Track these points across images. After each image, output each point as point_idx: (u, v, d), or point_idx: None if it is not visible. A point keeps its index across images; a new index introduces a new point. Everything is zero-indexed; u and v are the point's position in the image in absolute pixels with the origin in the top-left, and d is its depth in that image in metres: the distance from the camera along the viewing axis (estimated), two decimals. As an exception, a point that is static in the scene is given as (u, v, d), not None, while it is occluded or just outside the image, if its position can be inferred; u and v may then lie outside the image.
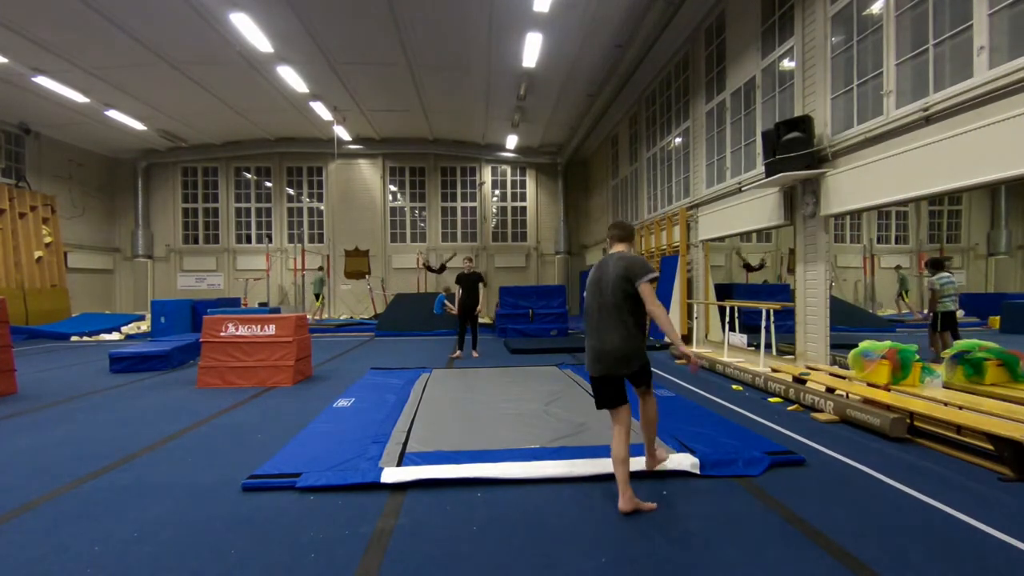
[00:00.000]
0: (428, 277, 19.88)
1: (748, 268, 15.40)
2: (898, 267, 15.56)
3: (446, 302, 9.11)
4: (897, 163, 5.69)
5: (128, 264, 20.30)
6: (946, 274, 7.40)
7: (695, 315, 10.24)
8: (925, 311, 7.52)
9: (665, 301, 11.82)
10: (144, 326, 15.35)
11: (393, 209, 21.10)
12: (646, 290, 3.04)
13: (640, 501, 3.01)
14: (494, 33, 11.47)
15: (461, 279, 9.17)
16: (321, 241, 20.57)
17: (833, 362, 6.86)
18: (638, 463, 3.61)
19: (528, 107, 15.80)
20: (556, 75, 13.51)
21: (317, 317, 17.76)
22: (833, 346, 6.98)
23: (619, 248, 3.30)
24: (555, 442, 4.14)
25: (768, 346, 7.13)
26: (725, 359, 7.69)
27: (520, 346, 10.55)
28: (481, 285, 9.23)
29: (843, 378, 5.59)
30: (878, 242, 17.72)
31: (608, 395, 3.16)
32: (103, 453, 4.16)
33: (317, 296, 17.93)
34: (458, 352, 9.46)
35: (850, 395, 5.09)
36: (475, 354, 9.31)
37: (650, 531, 2.78)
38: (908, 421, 4.43)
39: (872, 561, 2.46)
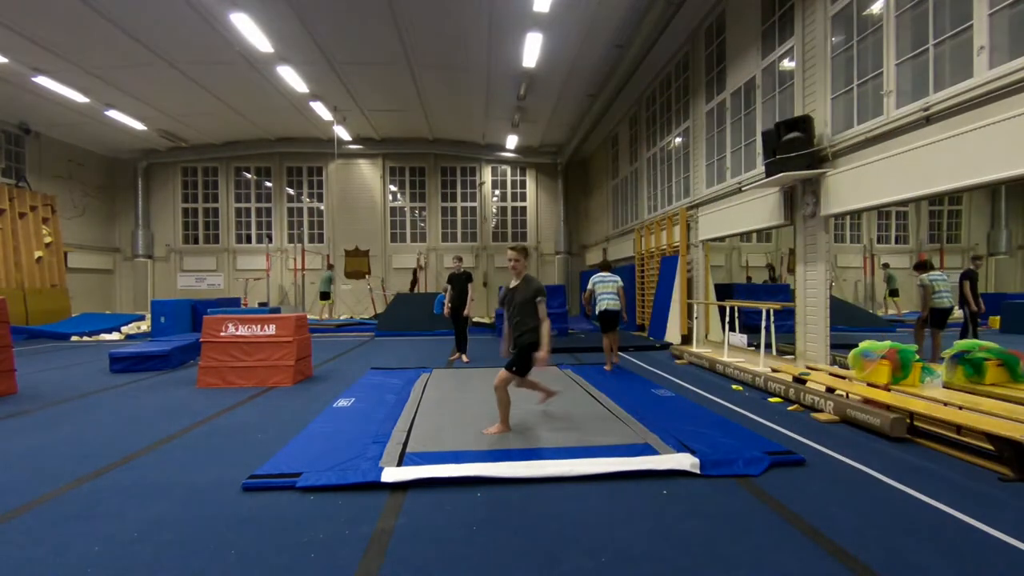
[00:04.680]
0: (427, 277, 19.90)
1: (772, 275, 15.24)
2: (885, 266, 15.49)
3: (446, 302, 9.06)
4: (897, 163, 5.69)
5: (128, 264, 20.30)
6: (936, 272, 7.50)
7: (695, 315, 10.24)
8: (921, 311, 7.64)
9: (665, 301, 11.83)
10: (144, 326, 15.33)
11: (393, 209, 21.09)
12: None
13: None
14: (494, 33, 11.47)
15: (452, 279, 9.01)
16: (321, 241, 20.56)
17: (833, 362, 6.86)
18: (640, 463, 3.63)
19: (528, 107, 15.79)
20: (556, 75, 13.50)
21: (325, 316, 17.60)
22: (833, 346, 6.97)
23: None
24: (555, 442, 4.14)
25: (768, 346, 7.12)
26: (725, 359, 7.68)
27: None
28: (471, 285, 8.99)
29: (843, 378, 5.59)
30: (878, 242, 17.71)
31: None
32: (103, 453, 4.15)
33: (326, 295, 17.48)
34: (457, 354, 9.09)
35: (850, 395, 5.08)
36: (464, 359, 8.90)
37: (650, 531, 2.78)
38: (908, 421, 4.43)
39: (872, 561, 2.46)
